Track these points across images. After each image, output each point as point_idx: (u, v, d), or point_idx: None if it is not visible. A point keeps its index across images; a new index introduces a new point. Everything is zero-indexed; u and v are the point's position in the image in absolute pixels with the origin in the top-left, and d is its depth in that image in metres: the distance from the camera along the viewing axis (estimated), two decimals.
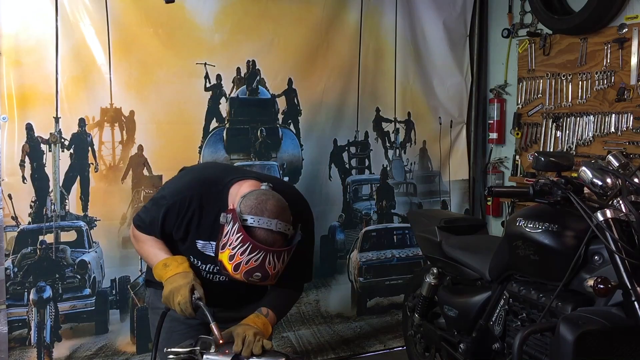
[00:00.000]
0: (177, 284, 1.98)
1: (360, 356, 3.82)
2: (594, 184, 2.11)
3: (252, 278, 1.86)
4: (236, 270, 1.85)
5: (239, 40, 3.40)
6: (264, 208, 1.87)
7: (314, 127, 3.65)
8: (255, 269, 1.84)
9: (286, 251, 1.89)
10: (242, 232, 1.83)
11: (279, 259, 1.87)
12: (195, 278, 2.02)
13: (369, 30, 3.77)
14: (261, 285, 1.95)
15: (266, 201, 1.89)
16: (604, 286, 1.91)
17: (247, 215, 1.86)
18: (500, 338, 2.51)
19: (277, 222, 1.86)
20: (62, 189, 3.07)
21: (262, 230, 1.85)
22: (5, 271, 2.97)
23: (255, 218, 1.85)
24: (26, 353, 3.03)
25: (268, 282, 1.91)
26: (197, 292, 1.97)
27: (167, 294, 1.99)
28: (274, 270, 1.86)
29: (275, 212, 1.88)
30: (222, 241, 1.89)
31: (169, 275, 2.01)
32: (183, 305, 1.95)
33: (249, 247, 1.82)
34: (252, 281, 1.87)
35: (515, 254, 2.36)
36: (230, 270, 1.86)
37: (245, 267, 1.84)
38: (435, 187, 4.10)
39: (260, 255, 1.83)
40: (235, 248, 1.84)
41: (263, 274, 1.86)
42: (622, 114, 3.29)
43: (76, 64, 3.05)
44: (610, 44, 3.33)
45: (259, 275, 1.85)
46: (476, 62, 4.15)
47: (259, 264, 1.83)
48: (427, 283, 3.02)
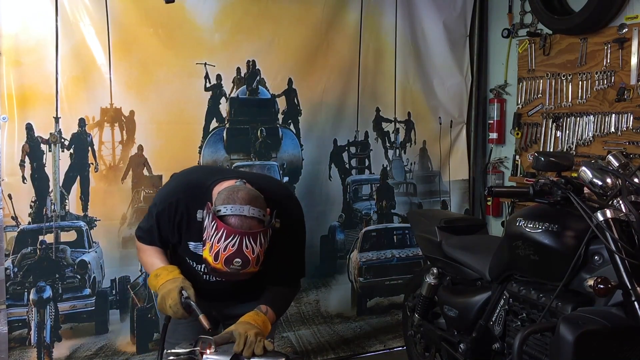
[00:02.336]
0: (166, 289, 2.04)
1: (360, 356, 3.82)
2: (594, 184, 2.11)
3: (233, 265, 1.88)
4: (216, 259, 1.88)
5: (239, 40, 3.40)
6: (235, 197, 1.93)
7: (314, 127, 3.65)
8: (234, 254, 1.86)
9: (262, 233, 1.90)
10: (216, 220, 1.88)
11: (256, 242, 1.89)
12: (184, 280, 2.07)
13: (369, 30, 3.77)
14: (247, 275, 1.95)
15: (237, 192, 1.96)
16: (604, 286, 1.91)
17: (219, 206, 1.92)
18: (500, 338, 2.51)
19: (249, 208, 1.91)
20: (62, 189, 3.07)
21: (234, 217, 1.89)
22: (5, 271, 2.97)
23: (227, 207, 1.90)
24: (26, 353, 3.03)
25: (250, 269, 1.91)
26: (186, 292, 2.02)
27: (159, 301, 2.07)
28: (253, 255, 1.88)
29: (246, 200, 1.93)
30: (203, 237, 1.95)
31: (160, 284, 2.07)
32: (174, 308, 2.00)
33: (224, 232, 1.86)
34: (234, 270, 1.89)
35: (515, 254, 2.36)
36: (211, 261, 1.89)
37: (224, 254, 1.86)
38: (435, 187, 4.10)
39: (236, 239, 1.86)
40: (212, 238, 1.88)
41: (243, 259, 1.87)
42: (622, 114, 3.29)
43: (76, 64, 3.05)
44: (610, 44, 3.33)
45: (239, 261, 1.87)
46: (476, 62, 4.15)
47: (236, 249, 1.86)
48: (427, 283, 3.02)
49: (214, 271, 1.95)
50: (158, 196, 2.28)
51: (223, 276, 1.97)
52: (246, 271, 1.91)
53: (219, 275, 1.97)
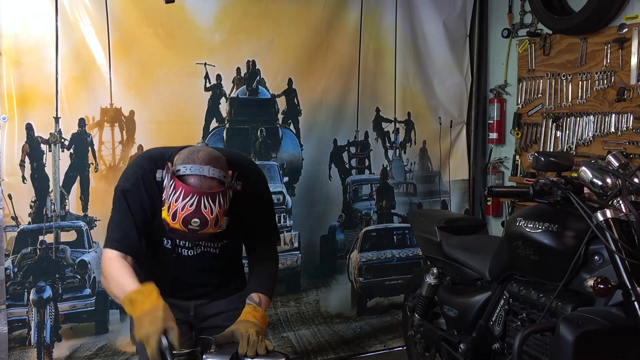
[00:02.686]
0: (145, 332, 1.84)
1: (360, 356, 3.82)
2: (594, 184, 2.11)
3: (191, 226, 1.85)
4: (174, 219, 1.85)
5: (239, 40, 3.40)
6: (195, 157, 1.90)
7: (314, 127, 3.65)
8: (192, 214, 1.84)
9: (220, 193, 1.88)
10: (174, 179, 1.86)
11: (215, 202, 1.86)
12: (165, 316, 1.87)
13: (369, 30, 3.77)
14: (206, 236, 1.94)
15: (197, 152, 1.93)
16: (604, 286, 1.90)
17: (179, 165, 1.89)
18: (500, 338, 2.51)
19: (209, 168, 1.88)
20: (62, 189, 3.07)
21: (194, 177, 1.87)
22: (5, 271, 2.97)
23: (187, 166, 1.88)
24: (26, 353, 3.03)
25: (209, 230, 1.89)
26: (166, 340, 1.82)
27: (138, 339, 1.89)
28: (211, 215, 1.86)
29: (206, 160, 1.90)
30: (163, 197, 1.92)
31: (137, 315, 1.90)
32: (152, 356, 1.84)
33: (182, 192, 1.84)
34: (193, 229, 1.86)
35: (515, 254, 2.36)
36: (170, 221, 1.87)
37: (182, 214, 1.84)
38: (435, 187, 4.10)
39: (194, 199, 1.84)
40: (170, 197, 1.86)
41: (201, 219, 1.85)
42: (622, 114, 3.29)
43: (76, 64, 3.05)
44: (610, 44, 3.33)
45: (197, 221, 1.85)
46: (476, 62, 4.15)
47: (194, 209, 1.84)
48: (427, 283, 3.02)
49: (172, 232, 1.92)
50: (121, 179, 2.15)
51: (183, 238, 1.96)
52: (205, 231, 1.89)
53: (178, 236, 1.95)
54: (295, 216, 3.61)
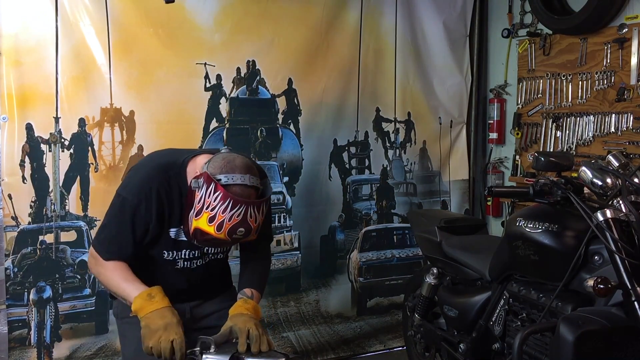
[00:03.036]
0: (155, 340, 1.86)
1: (360, 356, 3.82)
2: (594, 184, 2.11)
3: (236, 235, 1.88)
4: (219, 229, 1.86)
5: (239, 40, 3.40)
6: (234, 166, 1.91)
7: (314, 127, 3.65)
8: (239, 224, 1.86)
9: (264, 202, 1.93)
10: (221, 189, 1.85)
11: (259, 211, 1.91)
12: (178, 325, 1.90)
13: (369, 30, 3.77)
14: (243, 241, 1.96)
15: (234, 160, 1.93)
16: (604, 286, 1.90)
17: (220, 175, 1.89)
18: (500, 338, 2.51)
19: (249, 177, 1.91)
20: (62, 189, 3.07)
21: (237, 186, 1.88)
22: (5, 271, 2.97)
23: (228, 176, 1.88)
24: (26, 353, 3.03)
25: (250, 238, 1.93)
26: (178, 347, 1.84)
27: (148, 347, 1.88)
28: (255, 224, 1.90)
29: (245, 168, 1.92)
30: (197, 207, 1.89)
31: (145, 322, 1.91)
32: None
33: (230, 203, 1.84)
34: (236, 238, 1.89)
35: (515, 254, 2.36)
36: (213, 231, 1.87)
37: (229, 224, 1.85)
38: (435, 187, 4.11)
39: (241, 209, 1.86)
40: (215, 208, 1.85)
41: (246, 229, 1.88)
42: (622, 114, 3.29)
43: (76, 64, 3.05)
44: (610, 44, 3.33)
45: (242, 230, 1.88)
46: (476, 62, 4.15)
47: (241, 219, 1.86)
48: (427, 283, 3.02)
49: (207, 241, 1.92)
50: (127, 190, 2.06)
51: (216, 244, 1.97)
52: (247, 239, 1.93)
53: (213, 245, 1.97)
54: (295, 216, 3.61)
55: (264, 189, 1.99)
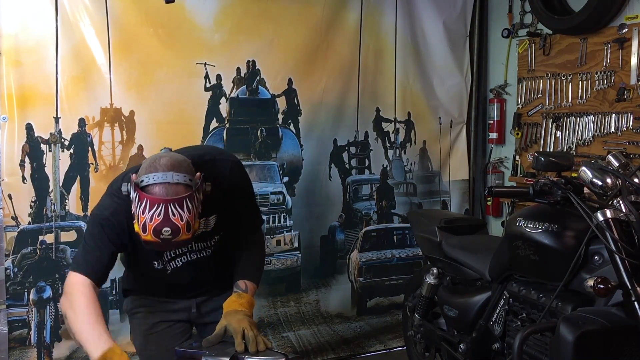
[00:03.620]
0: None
1: (360, 356, 3.82)
2: (594, 184, 2.11)
3: (162, 235, 1.80)
4: (145, 231, 1.80)
5: (239, 40, 3.40)
6: (157, 165, 1.84)
7: (314, 127, 3.65)
8: (162, 223, 1.79)
9: (187, 198, 1.81)
10: (138, 190, 1.81)
11: (182, 208, 1.80)
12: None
13: (369, 30, 3.77)
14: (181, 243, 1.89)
15: (159, 159, 1.87)
16: (604, 286, 1.90)
17: (143, 176, 1.83)
18: (500, 338, 2.51)
19: (172, 174, 1.82)
20: (62, 189, 3.07)
21: (157, 185, 1.81)
22: (5, 271, 2.97)
23: (149, 176, 1.82)
24: (26, 353, 3.03)
25: (182, 237, 1.83)
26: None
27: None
28: (182, 222, 1.80)
29: (168, 166, 1.84)
30: (133, 211, 1.85)
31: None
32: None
33: (147, 202, 1.78)
34: (165, 239, 1.81)
35: (515, 254, 2.35)
36: (141, 234, 1.82)
37: (151, 225, 1.78)
38: (435, 187, 4.11)
39: (160, 208, 1.78)
40: (137, 210, 1.81)
41: (172, 228, 1.80)
42: (622, 114, 3.29)
43: (76, 64, 3.05)
44: (610, 44, 3.33)
45: (168, 230, 1.79)
46: (476, 62, 4.15)
47: (163, 218, 1.78)
48: (427, 283, 3.02)
49: (147, 244, 1.87)
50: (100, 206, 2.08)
51: (158, 247, 1.89)
52: (178, 239, 1.83)
53: (154, 247, 1.89)
54: (295, 216, 3.61)
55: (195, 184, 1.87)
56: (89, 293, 1.96)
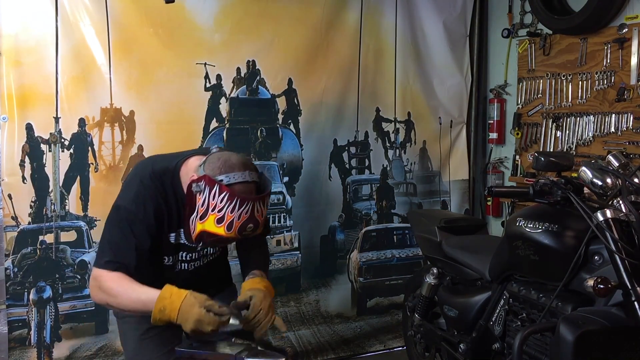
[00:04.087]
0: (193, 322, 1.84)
1: (360, 356, 3.82)
2: (594, 184, 2.11)
3: (246, 231, 1.90)
4: (229, 229, 1.87)
5: (239, 40, 3.40)
6: (232, 164, 1.92)
7: (314, 127, 3.65)
8: (248, 221, 1.88)
9: (267, 196, 1.95)
10: (227, 190, 1.86)
11: (265, 205, 1.94)
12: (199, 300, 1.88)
13: (369, 30, 3.77)
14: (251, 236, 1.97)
15: (229, 158, 1.94)
16: (604, 286, 1.90)
17: (220, 175, 1.89)
18: (500, 338, 2.51)
19: (248, 173, 1.93)
20: (62, 189, 3.07)
21: (239, 184, 1.89)
22: (5, 271, 2.97)
23: (229, 175, 1.89)
24: (26, 353, 3.03)
25: (258, 231, 1.96)
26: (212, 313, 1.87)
27: (191, 331, 1.86)
28: (262, 218, 1.94)
29: (242, 165, 1.94)
30: (200, 211, 1.89)
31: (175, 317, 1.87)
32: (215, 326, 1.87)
33: (237, 202, 1.85)
34: (246, 234, 1.91)
35: (515, 254, 2.35)
36: (223, 232, 1.87)
37: (239, 223, 1.87)
38: (435, 187, 4.11)
39: (248, 206, 1.87)
40: (222, 209, 1.86)
41: (254, 224, 1.91)
42: (622, 114, 3.29)
43: (76, 64, 3.05)
44: (610, 44, 3.33)
45: (251, 226, 1.90)
46: (476, 62, 4.15)
47: (249, 215, 1.88)
48: (427, 283, 3.02)
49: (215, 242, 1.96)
50: (125, 200, 2.03)
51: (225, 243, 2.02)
52: (255, 234, 1.96)
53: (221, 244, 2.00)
54: (295, 216, 3.61)
55: (263, 182, 2.00)
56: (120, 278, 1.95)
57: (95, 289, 1.99)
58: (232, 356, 1.87)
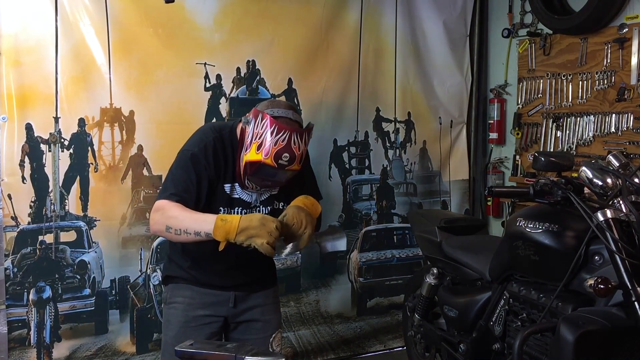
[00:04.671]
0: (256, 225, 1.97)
1: (360, 356, 3.82)
2: (594, 184, 2.11)
3: (281, 160, 2.03)
4: (266, 155, 2.02)
5: (239, 40, 3.40)
6: (278, 104, 2.17)
7: (314, 127, 3.64)
8: (284, 149, 2.03)
9: (306, 133, 2.10)
10: (267, 117, 2.04)
11: (302, 139, 2.08)
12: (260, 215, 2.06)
13: (369, 30, 3.77)
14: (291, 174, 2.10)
15: (277, 101, 2.25)
16: (604, 286, 1.90)
17: (267, 109, 2.09)
18: (500, 338, 2.51)
19: (292, 112, 2.14)
20: (61, 189, 3.07)
21: (282, 118, 2.09)
22: (5, 271, 2.97)
23: (274, 109, 2.10)
24: (26, 353, 3.03)
25: (294, 167, 2.07)
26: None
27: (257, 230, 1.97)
28: (299, 151, 2.06)
29: (289, 106, 2.18)
30: (246, 143, 2.08)
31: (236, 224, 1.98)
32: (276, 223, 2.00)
33: (275, 128, 2.02)
34: (281, 164, 2.03)
35: (515, 254, 2.35)
36: (261, 157, 2.03)
37: (275, 149, 2.02)
38: (435, 187, 4.10)
39: (286, 135, 2.03)
40: (262, 136, 2.04)
41: (290, 155, 2.04)
42: (622, 114, 3.29)
43: (76, 64, 3.04)
44: (610, 44, 3.33)
45: (287, 156, 2.03)
46: (476, 62, 4.15)
47: (286, 144, 2.03)
48: (427, 283, 3.02)
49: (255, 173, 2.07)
50: (189, 145, 2.23)
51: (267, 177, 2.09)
52: (291, 168, 2.06)
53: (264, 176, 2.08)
54: None
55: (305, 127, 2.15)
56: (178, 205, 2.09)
57: (157, 216, 2.11)
58: (232, 356, 1.87)
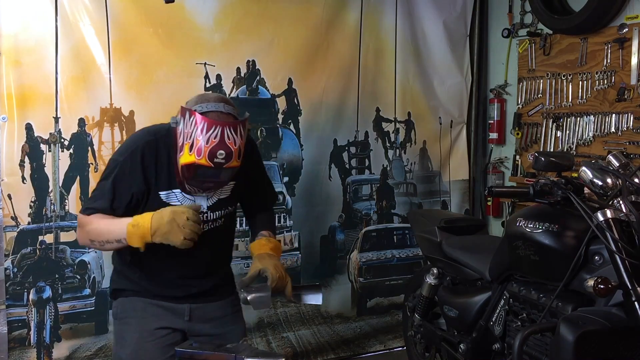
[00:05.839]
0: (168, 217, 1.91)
1: (360, 356, 3.82)
2: (594, 184, 2.11)
3: (217, 158, 1.89)
4: (200, 155, 1.88)
5: (239, 40, 3.40)
6: (207, 98, 2.00)
7: (314, 127, 3.65)
8: (217, 146, 1.88)
9: (240, 125, 1.94)
10: (195, 114, 1.89)
11: (236, 133, 1.92)
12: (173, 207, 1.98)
13: (369, 30, 3.77)
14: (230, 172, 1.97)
15: (206, 94, 2.05)
16: (604, 286, 1.90)
17: (195, 106, 1.95)
18: (500, 338, 2.51)
19: (223, 105, 1.97)
20: (61, 189, 3.07)
21: (212, 113, 1.94)
22: (5, 271, 2.97)
23: (202, 105, 1.95)
24: (26, 353, 3.03)
25: (233, 163, 1.93)
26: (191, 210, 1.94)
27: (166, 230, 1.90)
28: (235, 146, 1.91)
29: (218, 98, 2.01)
30: (179, 145, 1.95)
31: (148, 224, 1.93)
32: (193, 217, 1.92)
33: (204, 125, 1.88)
34: (218, 162, 1.90)
35: (515, 254, 2.35)
36: (194, 159, 1.89)
37: (207, 147, 1.88)
38: (435, 187, 4.10)
39: (217, 130, 1.88)
40: (192, 135, 1.89)
41: (226, 151, 1.90)
42: (623, 114, 3.29)
43: (76, 64, 3.04)
44: (610, 44, 3.33)
45: (222, 153, 1.89)
46: (476, 62, 4.15)
47: (219, 140, 1.88)
48: (427, 283, 3.02)
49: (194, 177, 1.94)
50: (117, 152, 2.14)
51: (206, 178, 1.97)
52: (230, 165, 1.92)
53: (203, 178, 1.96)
54: (295, 216, 3.61)
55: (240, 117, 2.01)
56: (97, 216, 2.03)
57: (79, 232, 2.10)
58: (232, 356, 1.87)
